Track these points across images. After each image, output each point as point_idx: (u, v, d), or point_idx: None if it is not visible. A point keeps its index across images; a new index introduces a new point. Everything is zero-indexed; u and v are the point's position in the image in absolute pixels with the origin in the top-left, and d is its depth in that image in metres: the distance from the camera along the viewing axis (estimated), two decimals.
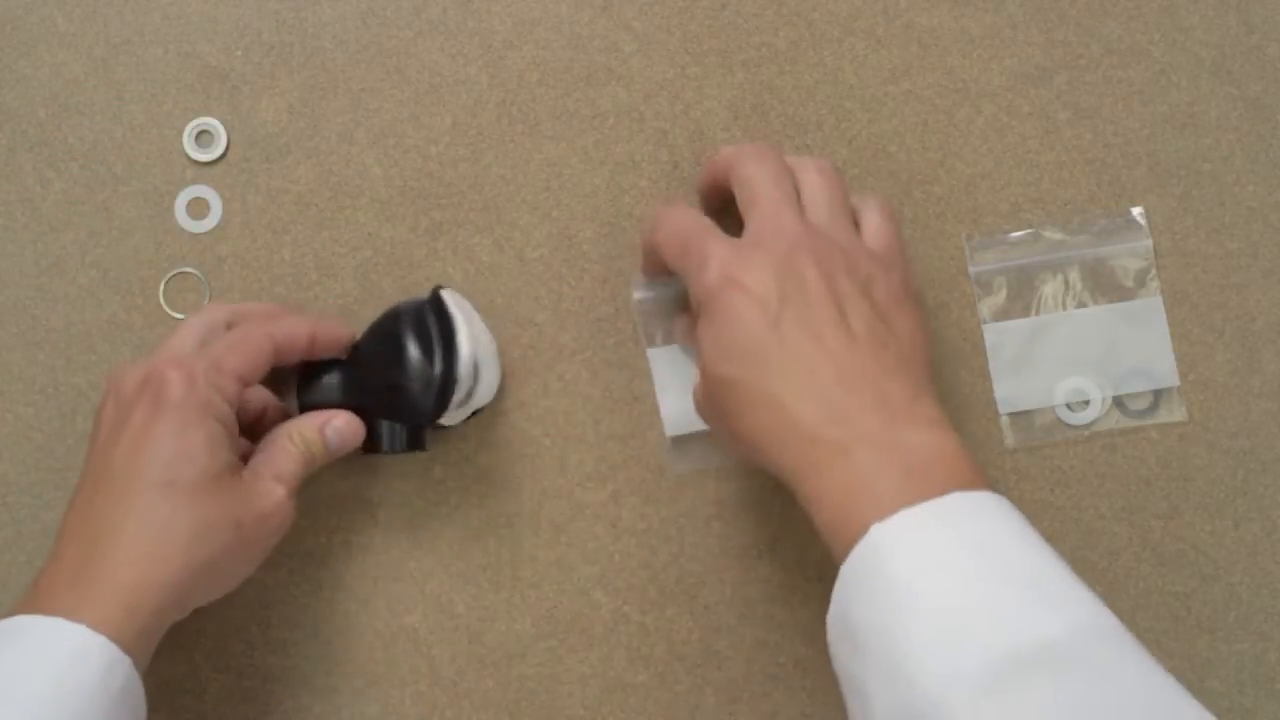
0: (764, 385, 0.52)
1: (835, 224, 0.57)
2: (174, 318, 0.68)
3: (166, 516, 0.54)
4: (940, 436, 0.51)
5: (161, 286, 0.69)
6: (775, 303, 0.53)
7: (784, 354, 0.52)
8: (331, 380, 0.63)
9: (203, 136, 0.70)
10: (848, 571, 0.49)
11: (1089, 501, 0.66)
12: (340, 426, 0.61)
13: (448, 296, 0.63)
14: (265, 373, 0.60)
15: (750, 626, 0.65)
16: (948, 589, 0.46)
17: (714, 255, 0.55)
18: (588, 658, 0.66)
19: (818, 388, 0.51)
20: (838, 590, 0.49)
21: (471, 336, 0.62)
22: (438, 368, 0.61)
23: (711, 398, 0.55)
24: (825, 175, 0.58)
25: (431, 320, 0.62)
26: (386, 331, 0.63)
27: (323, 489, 0.67)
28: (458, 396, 0.62)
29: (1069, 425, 0.67)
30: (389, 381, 0.61)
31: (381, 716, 0.65)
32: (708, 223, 0.57)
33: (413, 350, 0.61)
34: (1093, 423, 0.67)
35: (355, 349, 0.64)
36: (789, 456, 0.52)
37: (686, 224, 0.58)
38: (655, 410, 0.66)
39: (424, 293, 0.65)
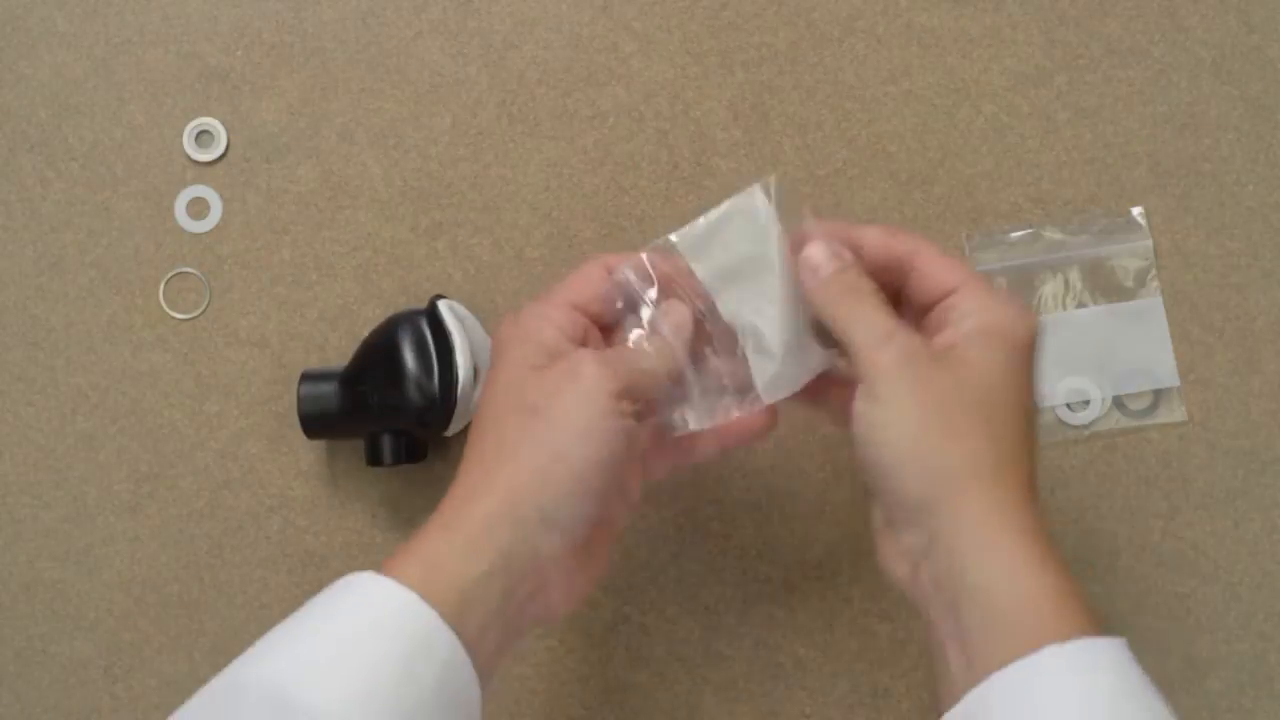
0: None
1: None
2: (174, 318, 0.68)
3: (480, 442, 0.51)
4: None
5: (161, 286, 0.69)
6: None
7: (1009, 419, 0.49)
8: (331, 394, 0.63)
9: (203, 136, 0.70)
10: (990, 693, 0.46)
11: (1089, 501, 0.66)
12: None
13: (444, 309, 0.63)
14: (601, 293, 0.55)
15: (750, 626, 0.65)
16: None
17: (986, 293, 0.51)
18: (588, 658, 0.66)
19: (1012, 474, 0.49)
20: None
21: (470, 351, 0.62)
22: (437, 388, 0.61)
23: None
24: None
25: (429, 336, 0.62)
26: (385, 346, 0.63)
27: (323, 489, 0.67)
28: (458, 411, 0.62)
29: (1069, 425, 0.67)
30: (390, 401, 0.62)
31: None
32: None
33: (412, 368, 0.61)
34: (1093, 423, 0.67)
35: (355, 362, 0.64)
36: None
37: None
38: None
39: (423, 295, 0.65)
